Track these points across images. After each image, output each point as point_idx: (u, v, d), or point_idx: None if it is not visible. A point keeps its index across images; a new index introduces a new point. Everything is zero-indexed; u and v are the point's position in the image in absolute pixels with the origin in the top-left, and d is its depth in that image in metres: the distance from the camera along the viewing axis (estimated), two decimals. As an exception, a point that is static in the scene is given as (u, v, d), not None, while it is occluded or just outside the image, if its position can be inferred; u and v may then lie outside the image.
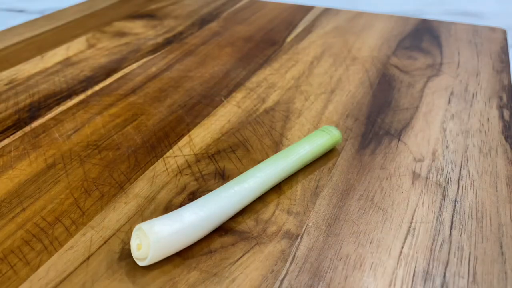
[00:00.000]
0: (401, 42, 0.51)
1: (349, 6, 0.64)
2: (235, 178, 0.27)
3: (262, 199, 0.27)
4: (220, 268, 0.23)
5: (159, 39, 0.53)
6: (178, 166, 0.30)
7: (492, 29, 0.52)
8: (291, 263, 0.23)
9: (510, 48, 0.75)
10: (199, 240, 0.24)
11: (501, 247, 0.24)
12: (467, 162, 0.31)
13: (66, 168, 0.30)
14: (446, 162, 0.30)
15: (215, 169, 0.30)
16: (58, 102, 0.39)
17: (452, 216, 0.26)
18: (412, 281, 0.22)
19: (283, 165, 0.28)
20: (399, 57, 0.47)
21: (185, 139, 0.33)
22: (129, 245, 0.24)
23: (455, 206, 0.27)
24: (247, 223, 0.25)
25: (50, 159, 0.31)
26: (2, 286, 0.22)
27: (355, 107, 0.37)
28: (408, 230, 0.25)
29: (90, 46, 0.51)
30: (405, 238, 0.24)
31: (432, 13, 0.62)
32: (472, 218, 0.26)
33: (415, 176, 0.29)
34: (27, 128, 0.35)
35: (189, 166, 0.30)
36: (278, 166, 0.27)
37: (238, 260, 0.23)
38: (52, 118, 0.36)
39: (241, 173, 0.29)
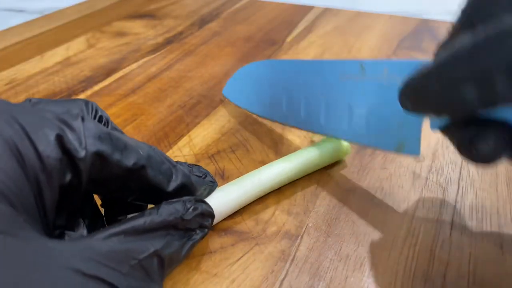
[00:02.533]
0: (401, 42, 0.51)
1: (349, 6, 0.64)
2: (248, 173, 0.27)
3: (261, 200, 0.27)
4: (220, 268, 0.23)
5: (159, 39, 0.53)
6: (178, 166, 0.30)
7: (492, 29, 0.52)
8: (291, 264, 0.23)
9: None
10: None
11: (502, 247, 0.24)
12: (468, 162, 0.30)
13: (65, 168, 0.30)
14: (446, 162, 0.30)
15: (215, 169, 0.30)
16: (58, 102, 0.39)
17: (452, 216, 0.26)
18: (412, 281, 0.22)
19: (290, 169, 0.27)
20: (400, 57, 0.47)
21: (185, 139, 0.33)
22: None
23: (455, 206, 0.27)
24: (247, 224, 0.25)
25: (50, 159, 0.31)
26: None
27: (355, 107, 0.37)
28: (409, 231, 0.25)
29: (90, 46, 0.51)
30: (406, 239, 0.24)
31: (432, 13, 0.62)
32: (472, 218, 0.26)
33: (415, 176, 0.29)
34: (26, 128, 0.35)
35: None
36: (286, 168, 0.27)
37: (238, 260, 0.23)
38: (52, 118, 0.36)
39: (241, 173, 0.29)
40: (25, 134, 0.16)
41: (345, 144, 0.30)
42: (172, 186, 0.20)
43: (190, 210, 0.20)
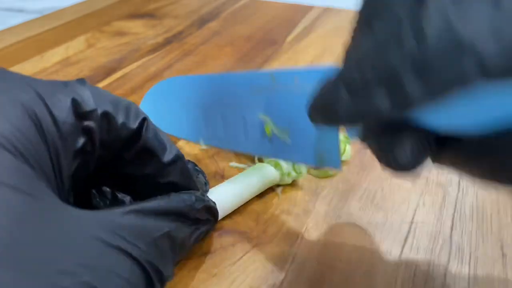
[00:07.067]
0: (401, 42, 0.50)
1: (350, 6, 0.64)
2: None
3: (261, 200, 0.27)
4: (220, 268, 0.23)
5: (159, 39, 0.53)
6: (177, 166, 0.30)
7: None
8: (291, 264, 0.23)
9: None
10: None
11: (502, 248, 0.24)
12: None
13: (65, 168, 0.30)
14: (446, 162, 0.30)
15: (215, 169, 0.30)
16: (58, 102, 0.39)
17: (453, 217, 0.26)
18: (413, 282, 0.22)
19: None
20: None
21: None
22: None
23: (455, 206, 0.27)
24: (247, 224, 0.25)
25: (49, 159, 0.31)
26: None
27: (355, 107, 0.37)
28: (409, 231, 0.25)
29: (90, 46, 0.51)
30: (406, 239, 0.24)
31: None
32: (472, 218, 0.26)
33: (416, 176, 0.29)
34: (26, 128, 0.35)
35: (189, 166, 0.30)
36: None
37: (238, 260, 0.23)
38: (52, 118, 0.36)
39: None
40: (41, 100, 0.16)
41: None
42: (167, 157, 0.21)
43: (199, 200, 0.21)
